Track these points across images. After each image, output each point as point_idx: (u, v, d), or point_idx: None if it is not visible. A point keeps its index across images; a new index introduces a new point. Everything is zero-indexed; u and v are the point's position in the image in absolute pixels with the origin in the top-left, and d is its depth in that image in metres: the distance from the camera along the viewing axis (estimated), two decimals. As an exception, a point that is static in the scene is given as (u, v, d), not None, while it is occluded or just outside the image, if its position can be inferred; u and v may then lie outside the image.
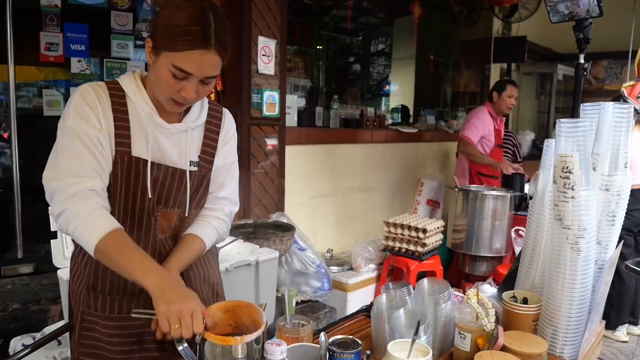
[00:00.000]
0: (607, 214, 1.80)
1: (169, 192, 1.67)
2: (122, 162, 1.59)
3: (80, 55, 3.93)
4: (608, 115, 1.77)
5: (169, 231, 1.72)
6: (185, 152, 1.70)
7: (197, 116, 1.73)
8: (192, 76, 1.50)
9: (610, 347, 4.51)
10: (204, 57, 1.48)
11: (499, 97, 5.42)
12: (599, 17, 3.13)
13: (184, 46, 1.46)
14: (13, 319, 3.33)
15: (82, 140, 1.54)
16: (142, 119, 1.63)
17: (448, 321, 1.73)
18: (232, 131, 1.85)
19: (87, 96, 1.57)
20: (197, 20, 1.47)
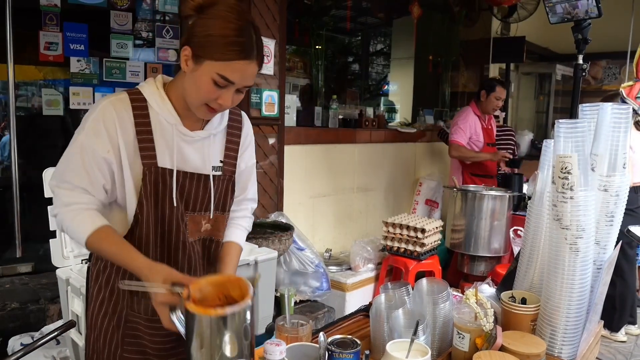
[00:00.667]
0: (605, 215, 1.80)
1: (195, 197, 1.73)
2: (150, 174, 1.64)
3: (79, 55, 3.94)
4: (607, 116, 1.77)
5: (197, 234, 1.77)
6: (208, 157, 1.74)
7: (219, 122, 1.77)
8: (233, 85, 1.55)
9: (609, 347, 4.51)
10: (247, 67, 1.54)
11: (487, 97, 5.36)
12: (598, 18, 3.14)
13: (232, 56, 1.51)
14: (12, 318, 3.33)
15: (86, 159, 1.59)
16: (165, 128, 1.67)
17: (447, 321, 1.74)
18: (251, 134, 1.91)
19: (106, 114, 1.60)
20: (245, 32, 1.53)
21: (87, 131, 1.59)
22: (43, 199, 2.69)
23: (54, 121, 4.30)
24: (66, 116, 4.15)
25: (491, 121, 5.61)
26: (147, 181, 1.63)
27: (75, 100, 3.96)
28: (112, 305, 1.75)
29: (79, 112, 4.19)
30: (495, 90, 5.34)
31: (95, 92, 4.03)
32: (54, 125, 4.41)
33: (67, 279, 2.65)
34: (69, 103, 3.96)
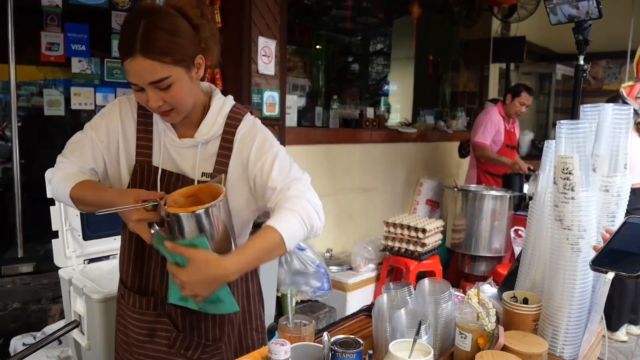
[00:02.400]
0: (606, 215, 1.80)
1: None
2: (142, 170, 1.72)
3: (80, 55, 3.94)
4: (608, 117, 1.77)
5: None
6: (197, 164, 1.72)
7: (208, 130, 1.72)
8: (138, 85, 1.55)
9: (610, 347, 4.52)
10: (132, 65, 1.51)
11: (512, 101, 5.43)
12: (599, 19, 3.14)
13: (121, 58, 1.54)
14: (13, 319, 3.34)
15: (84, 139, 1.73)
16: (159, 132, 1.74)
17: (449, 321, 1.74)
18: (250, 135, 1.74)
19: (112, 109, 1.76)
20: (126, 29, 1.53)
21: (94, 120, 1.76)
22: (44, 199, 2.69)
23: (55, 121, 4.30)
24: (67, 116, 4.15)
25: (514, 124, 5.65)
26: (136, 176, 1.72)
27: (77, 101, 3.96)
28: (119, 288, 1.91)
29: (80, 113, 4.19)
30: (520, 95, 5.41)
31: (97, 92, 4.03)
32: (55, 126, 4.41)
33: (70, 279, 2.65)
34: (70, 103, 3.96)
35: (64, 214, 2.73)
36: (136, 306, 1.80)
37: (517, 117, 5.64)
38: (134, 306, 1.80)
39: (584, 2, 3.10)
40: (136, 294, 1.81)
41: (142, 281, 1.81)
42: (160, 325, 1.78)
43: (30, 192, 3.92)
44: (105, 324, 2.47)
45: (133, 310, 1.81)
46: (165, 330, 1.78)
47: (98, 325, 2.47)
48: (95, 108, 4.06)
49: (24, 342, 3.15)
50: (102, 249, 2.89)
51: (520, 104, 5.42)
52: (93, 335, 2.52)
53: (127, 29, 1.52)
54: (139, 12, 1.55)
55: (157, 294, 1.78)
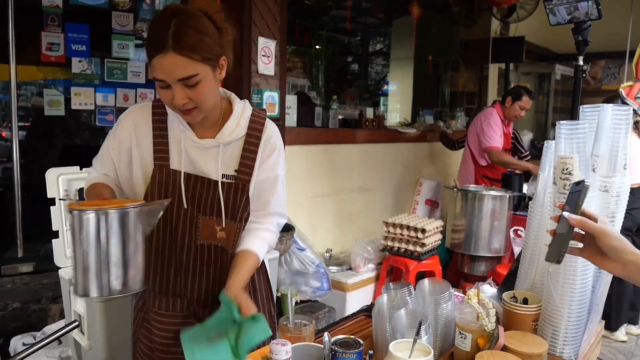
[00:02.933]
0: (606, 215, 1.81)
1: (205, 201, 1.77)
2: (161, 174, 1.74)
3: (81, 56, 3.94)
4: (607, 117, 1.78)
5: (211, 238, 1.81)
6: (219, 165, 1.77)
7: (231, 131, 1.78)
8: (166, 82, 1.57)
9: (609, 347, 4.52)
10: (163, 61, 1.54)
11: (512, 104, 5.35)
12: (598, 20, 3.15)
13: (150, 55, 1.56)
14: (13, 318, 3.34)
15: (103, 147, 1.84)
16: (177, 135, 1.77)
17: (449, 321, 1.75)
18: (274, 143, 1.87)
19: (123, 120, 1.81)
20: (158, 27, 1.55)
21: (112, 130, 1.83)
22: (45, 198, 2.70)
23: (55, 121, 4.30)
24: (67, 116, 4.15)
25: (510, 127, 5.60)
26: (155, 180, 1.74)
27: (77, 101, 3.96)
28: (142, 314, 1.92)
29: (80, 113, 4.20)
30: (521, 99, 5.34)
31: (97, 92, 4.03)
32: (56, 126, 4.42)
33: (70, 279, 2.65)
34: (70, 103, 3.97)
35: (64, 213, 2.73)
36: (162, 308, 1.84)
37: (515, 120, 5.60)
38: (161, 309, 1.84)
39: (583, 3, 3.11)
40: (163, 296, 1.84)
41: (168, 283, 1.83)
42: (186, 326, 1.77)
43: (30, 192, 3.92)
44: (105, 324, 2.47)
45: (159, 314, 1.84)
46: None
47: (98, 325, 2.47)
48: (96, 108, 4.06)
49: (24, 342, 3.15)
50: (103, 249, 2.89)
51: (521, 108, 5.35)
52: (93, 335, 2.52)
53: (158, 26, 1.55)
54: (169, 11, 1.58)
55: (183, 294, 1.83)
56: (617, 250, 1.30)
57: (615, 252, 1.31)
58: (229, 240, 1.82)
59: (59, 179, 2.72)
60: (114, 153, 1.79)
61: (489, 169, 5.44)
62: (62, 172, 2.74)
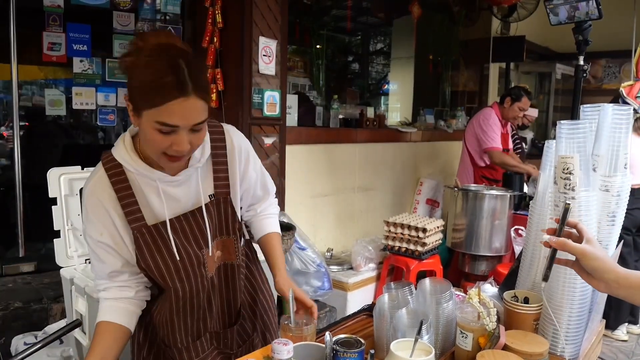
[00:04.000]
0: (607, 215, 1.81)
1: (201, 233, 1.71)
2: (142, 235, 1.62)
3: (82, 55, 3.94)
4: (608, 117, 1.78)
5: (214, 266, 1.77)
6: (201, 189, 1.71)
7: (201, 154, 1.68)
8: (179, 128, 1.45)
9: (610, 346, 4.53)
10: (185, 105, 1.42)
11: (511, 105, 5.33)
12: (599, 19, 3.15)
13: (162, 99, 1.40)
14: (15, 318, 3.35)
15: (94, 249, 1.67)
16: (149, 184, 1.64)
17: (450, 320, 1.75)
18: (244, 144, 1.83)
19: (91, 202, 1.63)
20: (169, 70, 1.40)
21: (85, 224, 1.67)
22: (46, 198, 2.71)
23: (56, 121, 4.31)
24: (68, 116, 4.16)
25: (508, 127, 5.59)
26: (140, 243, 1.63)
27: (78, 101, 3.97)
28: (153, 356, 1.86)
29: (81, 112, 4.21)
30: (520, 100, 5.31)
31: (98, 92, 4.04)
32: (57, 125, 4.43)
33: (72, 279, 2.66)
34: (71, 103, 3.97)
35: (65, 213, 2.73)
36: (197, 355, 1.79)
37: (514, 122, 5.58)
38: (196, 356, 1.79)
39: (584, 3, 3.11)
40: (194, 343, 1.79)
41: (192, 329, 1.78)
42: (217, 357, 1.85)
43: (31, 191, 3.93)
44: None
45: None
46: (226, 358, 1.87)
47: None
48: (97, 108, 4.07)
49: (25, 342, 3.16)
50: (104, 249, 2.89)
51: (520, 109, 5.31)
52: (95, 334, 2.52)
53: (168, 69, 1.40)
54: (170, 50, 1.45)
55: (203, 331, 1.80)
56: (597, 270, 1.36)
57: (596, 272, 1.36)
58: (230, 253, 1.81)
59: (60, 179, 2.72)
60: (104, 238, 1.64)
61: (487, 169, 5.44)
62: (64, 171, 2.74)
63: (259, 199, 1.97)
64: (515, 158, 5.57)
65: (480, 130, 5.35)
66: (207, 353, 1.81)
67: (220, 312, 1.84)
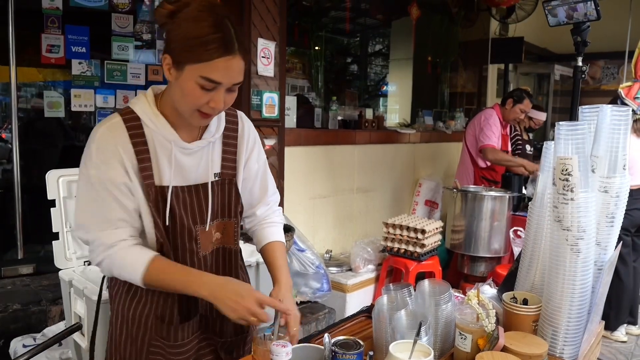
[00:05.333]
0: (606, 216, 1.81)
1: (200, 209, 1.70)
2: (149, 194, 1.60)
3: (81, 57, 3.95)
4: (606, 118, 1.78)
5: (210, 246, 1.75)
6: (210, 165, 1.71)
7: (216, 128, 1.71)
8: (220, 85, 1.49)
9: (610, 347, 4.52)
10: (231, 63, 1.47)
11: (513, 106, 5.32)
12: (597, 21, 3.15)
13: (210, 55, 1.44)
14: (13, 320, 3.34)
15: (108, 190, 1.56)
16: (163, 145, 1.62)
17: (449, 322, 1.75)
18: (254, 134, 1.86)
19: (107, 142, 1.56)
20: (218, 28, 1.45)
21: (95, 164, 1.56)
22: (44, 200, 2.70)
23: (55, 123, 4.31)
24: (67, 118, 4.16)
25: (507, 128, 5.59)
26: (149, 201, 1.61)
27: (77, 103, 3.97)
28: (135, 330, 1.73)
29: (80, 114, 4.21)
30: (522, 102, 5.30)
31: (97, 94, 4.05)
32: (56, 127, 4.43)
33: (70, 281, 2.65)
34: (70, 105, 3.97)
35: (64, 215, 2.73)
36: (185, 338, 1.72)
37: (514, 123, 5.59)
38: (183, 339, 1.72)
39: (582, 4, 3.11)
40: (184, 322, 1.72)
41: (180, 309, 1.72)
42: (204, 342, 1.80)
43: (30, 193, 3.93)
44: (105, 325, 2.47)
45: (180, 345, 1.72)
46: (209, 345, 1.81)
47: (98, 326, 2.47)
48: (95, 110, 4.07)
49: (24, 344, 3.15)
50: (103, 251, 2.89)
51: (521, 111, 5.32)
52: (94, 336, 2.52)
53: (219, 26, 1.46)
54: (219, 9, 1.50)
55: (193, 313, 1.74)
56: None
57: None
58: (229, 237, 1.80)
59: (59, 181, 2.72)
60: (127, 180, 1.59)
61: (487, 170, 5.43)
62: (62, 173, 2.73)
63: (257, 200, 1.90)
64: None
65: (479, 129, 5.35)
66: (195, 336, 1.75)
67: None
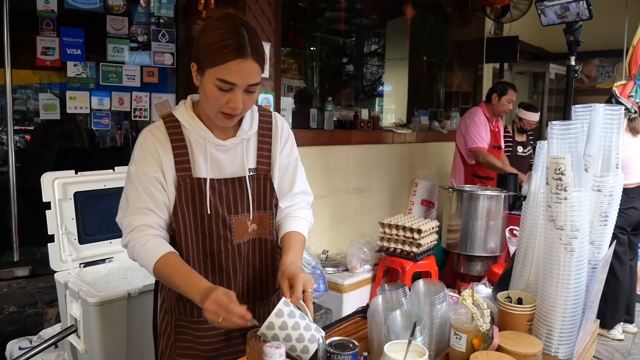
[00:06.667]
0: (599, 214, 1.82)
1: (235, 200, 1.84)
2: (185, 184, 1.78)
3: (76, 60, 3.94)
4: (599, 117, 1.79)
5: (246, 236, 1.88)
6: (243, 161, 1.86)
7: (249, 126, 1.86)
8: (235, 86, 1.64)
9: (606, 346, 4.54)
10: (243, 66, 1.62)
11: (499, 100, 5.36)
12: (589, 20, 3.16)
13: (223, 58, 1.61)
14: (9, 322, 3.34)
15: (140, 184, 1.75)
16: (199, 143, 1.80)
17: (444, 322, 1.75)
18: (287, 131, 2.00)
19: (147, 141, 1.77)
20: (231, 34, 1.62)
21: (135, 161, 1.77)
22: (40, 202, 2.70)
23: (50, 125, 4.31)
24: (63, 120, 4.16)
25: (498, 124, 5.59)
26: (181, 191, 1.78)
27: (72, 105, 3.96)
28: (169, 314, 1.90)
29: (75, 116, 4.20)
30: (507, 93, 5.36)
31: (92, 96, 4.04)
32: (51, 129, 4.42)
33: (66, 283, 2.65)
34: (65, 107, 3.97)
35: (59, 217, 2.73)
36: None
37: (504, 115, 5.58)
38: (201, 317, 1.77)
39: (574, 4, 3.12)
40: None
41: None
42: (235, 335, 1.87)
43: (26, 195, 3.93)
44: (101, 327, 2.47)
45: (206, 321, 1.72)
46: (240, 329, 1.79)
47: (94, 329, 2.47)
48: (91, 112, 4.06)
49: (20, 346, 3.15)
50: (98, 253, 2.90)
51: (508, 102, 5.36)
52: (89, 339, 2.52)
53: (233, 33, 1.63)
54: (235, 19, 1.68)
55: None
56: None
57: None
58: (265, 228, 1.92)
59: (54, 183, 2.72)
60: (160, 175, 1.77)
61: (478, 167, 5.43)
62: (58, 176, 2.75)
63: (283, 193, 2.01)
64: (504, 160, 5.59)
65: (466, 129, 5.38)
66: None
67: (246, 282, 1.91)
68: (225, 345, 1.87)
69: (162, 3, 4.26)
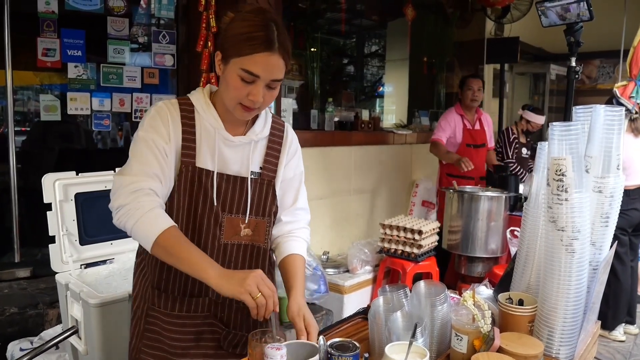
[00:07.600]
0: (600, 216, 1.82)
1: (232, 199, 1.82)
2: (187, 172, 1.75)
3: (77, 61, 3.94)
4: (600, 118, 1.79)
5: (236, 238, 1.85)
6: (248, 162, 1.84)
7: (261, 129, 1.86)
8: (259, 79, 1.64)
9: (608, 347, 4.53)
10: (269, 60, 1.63)
11: (462, 93, 5.44)
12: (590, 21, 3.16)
13: (250, 49, 1.61)
14: (10, 323, 3.34)
15: (150, 148, 1.70)
16: (209, 132, 1.78)
17: (445, 323, 1.75)
18: (296, 144, 2.00)
19: (161, 112, 1.75)
20: (261, 27, 1.63)
21: (146, 128, 1.73)
22: (41, 203, 2.71)
23: (51, 126, 4.31)
24: (63, 121, 4.16)
25: (482, 122, 5.57)
26: (182, 178, 1.75)
27: (73, 106, 3.97)
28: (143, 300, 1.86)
29: (76, 118, 4.20)
30: (465, 83, 5.43)
31: (93, 97, 4.04)
32: (52, 131, 4.42)
33: (67, 284, 2.65)
34: (66, 108, 3.97)
35: (60, 219, 2.73)
36: (183, 310, 1.81)
37: (476, 103, 5.49)
38: (181, 311, 1.81)
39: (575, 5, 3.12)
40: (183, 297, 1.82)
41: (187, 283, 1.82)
42: (207, 327, 1.84)
43: (26, 196, 3.93)
44: (102, 328, 2.47)
45: (178, 316, 1.81)
46: (212, 332, 1.85)
47: (95, 330, 2.47)
48: (92, 113, 4.07)
49: (21, 347, 3.15)
50: (99, 254, 2.90)
51: (468, 89, 5.38)
52: (90, 340, 2.52)
53: (263, 27, 1.63)
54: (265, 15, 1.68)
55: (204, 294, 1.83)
56: None
57: None
58: (260, 235, 1.89)
59: (55, 184, 2.72)
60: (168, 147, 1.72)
61: (451, 166, 5.39)
62: (59, 177, 2.75)
63: (285, 206, 1.98)
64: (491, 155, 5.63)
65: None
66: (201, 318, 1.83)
67: None
68: (194, 345, 1.82)
69: (162, 4, 4.26)
